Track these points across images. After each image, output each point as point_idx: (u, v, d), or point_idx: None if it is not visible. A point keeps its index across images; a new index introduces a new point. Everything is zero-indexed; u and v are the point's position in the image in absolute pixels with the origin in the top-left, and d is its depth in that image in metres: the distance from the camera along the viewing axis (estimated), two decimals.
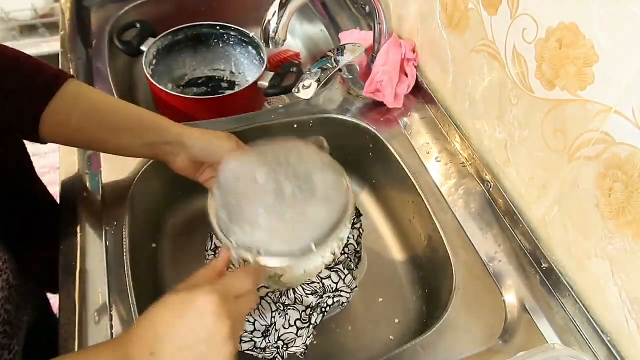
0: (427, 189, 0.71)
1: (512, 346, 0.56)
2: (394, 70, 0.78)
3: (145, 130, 0.59)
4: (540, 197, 0.61)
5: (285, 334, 0.58)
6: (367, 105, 0.82)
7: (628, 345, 0.53)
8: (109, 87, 0.83)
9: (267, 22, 0.63)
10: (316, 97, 0.81)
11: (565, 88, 0.53)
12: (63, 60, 0.87)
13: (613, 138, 0.48)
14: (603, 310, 0.55)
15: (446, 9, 0.71)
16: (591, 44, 0.48)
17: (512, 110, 0.62)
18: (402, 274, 0.75)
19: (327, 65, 0.73)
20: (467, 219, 0.67)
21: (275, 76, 0.87)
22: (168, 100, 0.85)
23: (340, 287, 0.61)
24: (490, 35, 0.63)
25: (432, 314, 0.67)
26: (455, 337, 0.57)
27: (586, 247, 0.55)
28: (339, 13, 1.02)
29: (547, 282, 0.60)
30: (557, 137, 0.56)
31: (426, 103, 0.81)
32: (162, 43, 0.92)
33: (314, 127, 0.80)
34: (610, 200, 0.50)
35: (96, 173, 0.69)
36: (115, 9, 0.98)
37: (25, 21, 1.84)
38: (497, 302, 0.60)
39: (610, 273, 0.52)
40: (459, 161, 0.74)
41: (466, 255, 0.64)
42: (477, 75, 0.67)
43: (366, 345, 0.67)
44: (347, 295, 0.61)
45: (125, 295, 0.58)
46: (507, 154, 0.65)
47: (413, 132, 0.78)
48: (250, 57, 0.99)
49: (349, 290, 0.62)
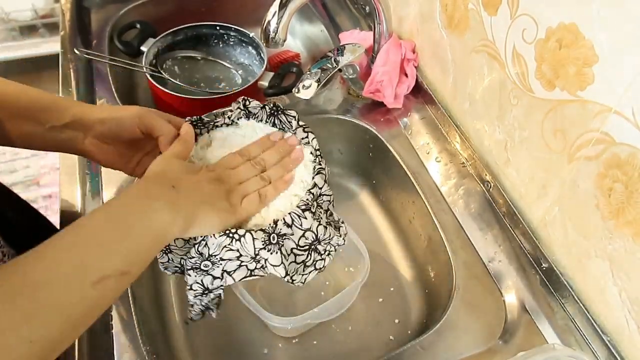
0: (427, 189, 0.71)
1: (512, 346, 0.56)
2: (394, 70, 0.78)
3: (44, 112, 0.53)
4: (540, 197, 0.61)
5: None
6: (367, 105, 0.82)
7: (628, 345, 0.53)
8: (109, 87, 0.83)
9: (267, 22, 0.63)
10: (316, 97, 0.81)
11: (565, 88, 0.53)
12: (63, 60, 0.87)
13: (613, 138, 0.48)
14: (603, 310, 0.55)
15: (446, 9, 0.71)
16: (591, 44, 0.48)
17: (512, 111, 0.62)
18: (402, 274, 0.75)
19: (327, 65, 0.73)
20: (467, 219, 0.67)
21: (275, 76, 0.87)
22: (168, 100, 0.85)
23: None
24: (490, 36, 0.63)
25: (432, 314, 0.67)
26: (455, 337, 0.57)
27: (586, 247, 0.55)
28: (339, 13, 1.02)
29: (547, 282, 0.60)
30: (557, 137, 0.56)
31: (426, 103, 0.81)
32: (162, 43, 0.92)
33: (313, 127, 0.80)
34: (610, 201, 0.50)
35: (96, 173, 0.69)
36: (115, 9, 0.98)
37: (25, 21, 1.84)
38: (497, 302, 0.60)
39: (610, 273, 0.52)
40: (459, 161, 0.74)
41: (466, 255, 0.64)
42: (477, 75, 0.67)
43: (366, 345, 0.67)
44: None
45: (125, 295, 0.58)
46: (507, 154, 0.65)
47: (413, 132, 0.78)
48: (250, 57, 0.99)
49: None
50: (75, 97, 0.81)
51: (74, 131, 0.53)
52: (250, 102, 0.58)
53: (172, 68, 0.96)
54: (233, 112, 0.58)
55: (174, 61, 0.96)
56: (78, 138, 0.54)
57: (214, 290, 0.50)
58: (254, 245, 0.47)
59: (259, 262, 0.49)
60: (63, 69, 0.85)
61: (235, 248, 0.47)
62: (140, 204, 0.43)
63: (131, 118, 0.53)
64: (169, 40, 0.93)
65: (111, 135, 0.53)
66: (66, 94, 0.81)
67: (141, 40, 0.91)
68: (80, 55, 0.86)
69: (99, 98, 0.81)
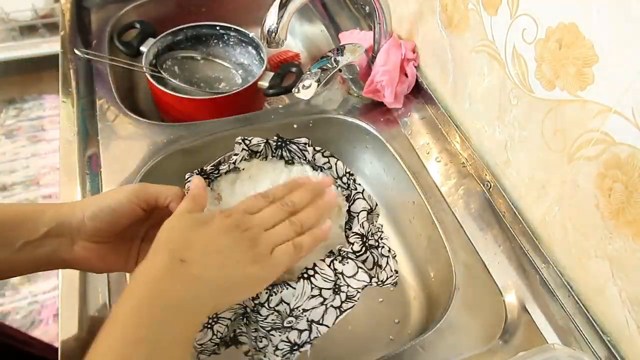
0: (427, 189, 0.71)
1: (512, 346, 0.56)
2: (394, 70, 0.78)
3: (11, 229, 0.42)
4: (540, 197, 0.61)
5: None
6: (367, 105, 0.82)
7: (628, 345, 0.53)
8: (109, 87, 0.83)
9: (267, 22, 0.63)
10: (316, 97, 0.81)
11: (565, 88, 0.53)
12: (63, 60, 0.87)
13: (613, 138, 0.48)
14: (603, 310, 0.55)
15: (446, 9, 0.71)
16: (591, 44, 0.48)
17: (512, 111, 0.62)
18: (402, 274, 0.75)
19: (327, 65, 0.73)
20: (467, 219, 0.67)
21: (275, 76, 0.87)
22: (168, 100, 0.85)
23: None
24: (490, 36, 0.63)
25: (432, 314, 0.67)
26: (455, 337, 0.57)
27: (586, 247, 0.55)
28: (338, 13, 1.02)
29: (547, 282, 0.60)
30: (556, 137, 0.56)
31: (426, 103, 0.81)
32: (162, 43, 0.92)
33: (314, 127, 0.80)
34: (610, 201, 0.50)
35: (96, 173, 0.69)
36: (115, 9, 0.98)
37: (25, 21, 1.84)
38: (497, 302, 0.60)
39: (610, 273, 0.52)
40: (459, 161, 0.74)
41: (466, 255, 0.64)
42: (477, 75, 0.67)
43: (366, 345, 0.67)
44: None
45: None
46: (507, 154, 0.65)
47: (413, 132, 0.78)
48: (250, 57, 0.99)
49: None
50: (75, 97, 0.80)
51: (58, 239, 0.43)
52: (250, 141, 0.52)
53: (172, 68, 0.96)
54: (238, 154, 0.51)
55: (173, 61, 0.96)
56: (63, 246, 0.44)
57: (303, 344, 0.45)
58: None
59: (339, 289, 0.43)
60: (63, 69, 0.85)
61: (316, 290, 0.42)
62: (151, 317, 0.36)
63: (128, 198, 0.45)
64: (169, 40, 0.93)
65: (107, 228, 0.45)
66: (66, 94, 0.81)
67: (141, 40, 0.91)
68: (80, 55, 0.86)
69: (99, 98, 0.80)
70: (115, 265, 0.48)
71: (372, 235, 0.49)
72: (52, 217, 0.43)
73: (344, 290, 0.44)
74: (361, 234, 0.47)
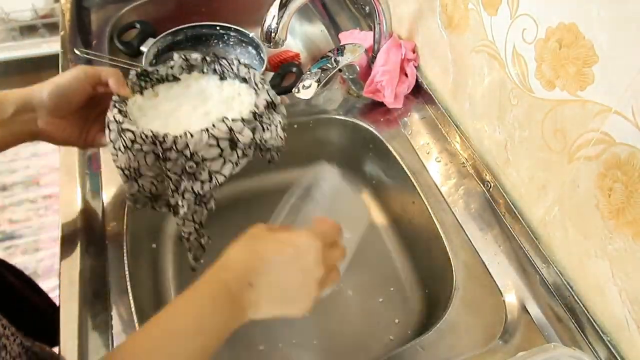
0: (427, 189, 0.71)
1: (512, 346, 0.56)
2: (394, 70, 0.78)
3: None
4: (540, 197, 0.61)
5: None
6: (367, 105, 0.82)
7: (628, 345, 0.53)
8: None
9: (267, 22, 0.63)
10: (316, 97, 0.81)
11: (565, 88, 0.53)
12: (63, 60, 0.87)
13: (613, 138, 0.48)
14: (603, 310, 0.55)
15: (446, 9, 0.71)
16: (591, 44, 0.48)
17: (512, 111, 0.62)
18: (402, 274, 0.75)
19: (327, 65, 0.73)
20: (467, 219, 0.67)
21: (275, 76, 0.87)
22: None
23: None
24: (490, 36, 0.63)
25: (432, 314, 0.67)
26: (455, 337, 0.57)
27: (586, 247, 0.55)
28: (338, 13, 1.02)
29: (547, 282, 0.60)
30: (556, 137, 0.56)
31: (426, 103, 0.81)
32: (162, 43, 0.92)
33: (314, 127, 0.80)
34: (610, 201, 0.50)
35: (96, 173, 0.69)
36: (115, 9, 0.98)
37: (25, 21, 1.84)
38: (497, 302, 0.60)
39: (610, 273, 0.52)
40: (459, 161, 0.74)
41: (466, 255, 0.64)
42: (477, 75, 0.67)
43: (366, 345, 0.67)
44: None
45: (125, 295, 0.58)
46: (507, 154, 0.65)
47: (413, 132, 0.78)
48: (250, 57, 0.99)
49: None
50: None
51: (26, 115, 0.53)
52: (190, 56, 0.62)
53: None
54: (175, 61, 0.61)
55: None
56: (31, 122, 0.53)
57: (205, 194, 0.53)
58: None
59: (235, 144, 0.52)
60: (63, 69, 0.85)
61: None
62: (216, 310, 0.41)
63: (77, 76, 0.54)
64: (169, 40, 0.93)
65: (65, 104, 0.54)
66: None
67: (141, 40, 0.91)
68: (80, 55, 0.86)
69: None
70: (72, 139, 0.57)
71: (266, 116, 0.57)
72: (17, 98, 0.53)
73: (240, 147, 0.53)
74: (254, 112, 0.55)
